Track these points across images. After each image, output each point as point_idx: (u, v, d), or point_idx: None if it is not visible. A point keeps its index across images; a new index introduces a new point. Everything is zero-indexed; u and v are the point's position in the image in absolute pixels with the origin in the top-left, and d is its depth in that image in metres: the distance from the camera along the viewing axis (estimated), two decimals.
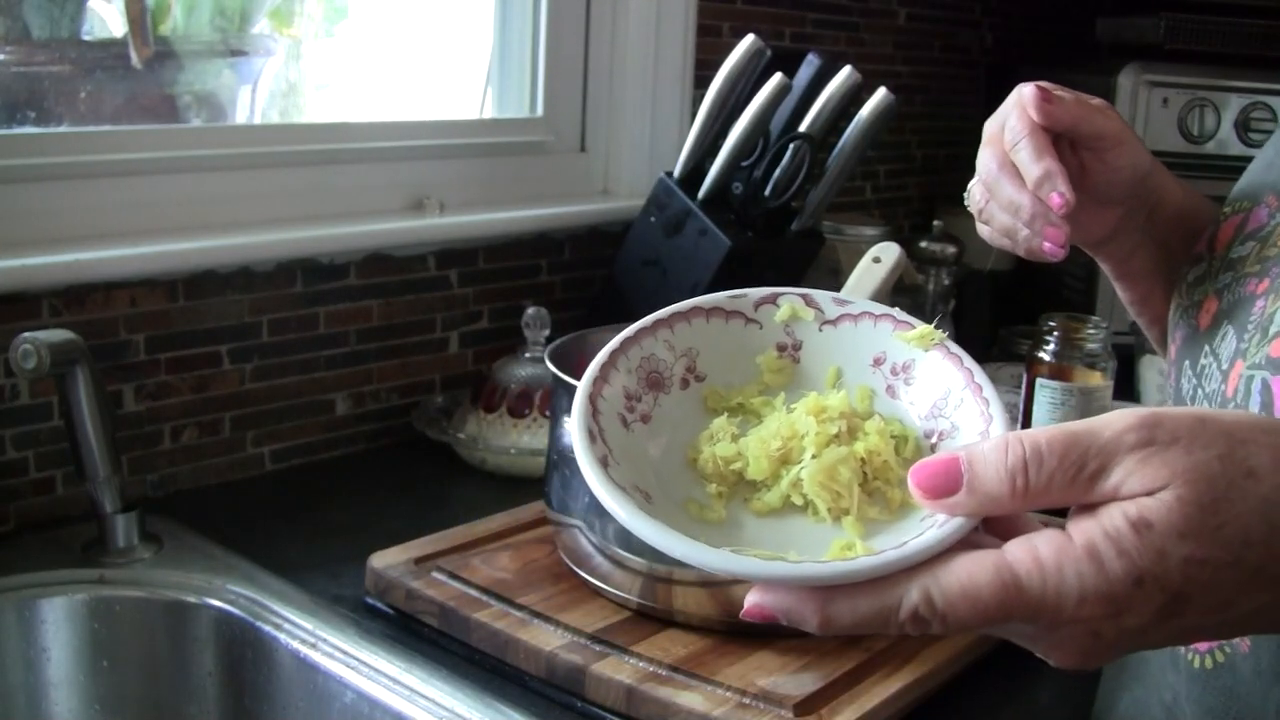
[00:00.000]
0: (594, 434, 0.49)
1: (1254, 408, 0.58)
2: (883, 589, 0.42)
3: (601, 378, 0.52)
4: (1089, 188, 0.70)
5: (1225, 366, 0.62)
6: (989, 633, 0.44)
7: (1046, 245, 0.65)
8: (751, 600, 0.44)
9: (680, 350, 0.55)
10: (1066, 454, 0.42)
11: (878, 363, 0.55)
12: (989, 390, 0.52)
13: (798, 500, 0.50)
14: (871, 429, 0.51)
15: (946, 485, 0.44)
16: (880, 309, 0.57)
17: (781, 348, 0.56)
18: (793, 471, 0.50)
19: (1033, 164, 0.65)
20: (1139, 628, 0.42)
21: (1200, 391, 0.65)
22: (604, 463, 0.48)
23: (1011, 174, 0.66)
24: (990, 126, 0.69)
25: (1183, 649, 0.64)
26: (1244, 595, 0.42)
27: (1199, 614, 0.42)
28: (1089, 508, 0.43)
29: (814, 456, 0.50)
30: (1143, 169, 0.71)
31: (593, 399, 0.51)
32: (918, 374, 0.55)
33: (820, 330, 0.56)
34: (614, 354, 0.53)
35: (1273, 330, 0.59)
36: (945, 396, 0.53)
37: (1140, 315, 0.81)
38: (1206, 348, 0.65)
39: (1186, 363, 0.68)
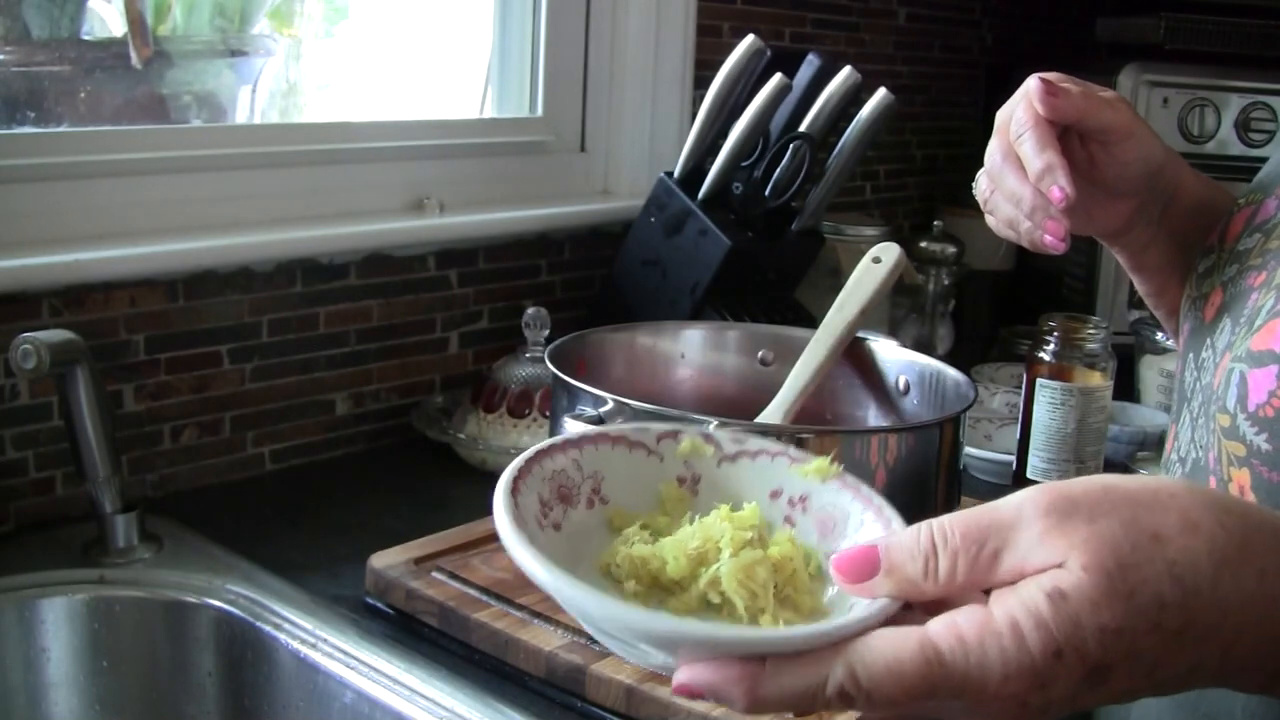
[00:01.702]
0: (518, 522, 0.50)
1: (1231, 401, 0.58)
2: (809, 665, 0.42)
3: (520, 477, 0.53)
4: (1099, 180, 0.70)
5: (1219, 359, 0.63)
6: (918, 713, 0.44)
7: (1047, 238, 0.65)
8: (681, 678, 0.43)
9: (587, 472, 0.57)
10: (968, 533, 0.43)
11: (774, 495, 0.57)
12: (890, 510, 0.53)
13: (715, 599, 0.50)
14: (783, 538, 0.52)
15: (866, 569, 0.45)
16: (777, 447, 0.58)
17: (681, 480, 0.58)
18: (710, 570, 0.50)
19: (1034, 157, 0.65)
20: (1066, 696, 0.42)
21: (1199, 384, 0.65)
22: (530, 540, 0.49)
23: (1015, 166, 0.67)
24: (1000, 116, 0.69)
25: None
26: (1169, 659, 0.42)
27: (1126, 680, 0.42)
28: (1009, 585, 0.43)
29: (732, 555, 0.50)
30: (1155, 162, 0.70)
31: (514, 494, 0.52)
32: (814, 504, 0.56)
33: (719, 466, 0.58)
34: (529, 461, 0.55)
35: (1257, 323, 0.59)
36: (845, 521, 0.55)
37: (1158, 308, 0.81)
38: (1208, 340, 0.65)
39: (1190, 355, 0.68)
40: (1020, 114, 0.66)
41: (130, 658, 0.92)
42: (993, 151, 0.69)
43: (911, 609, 0.45)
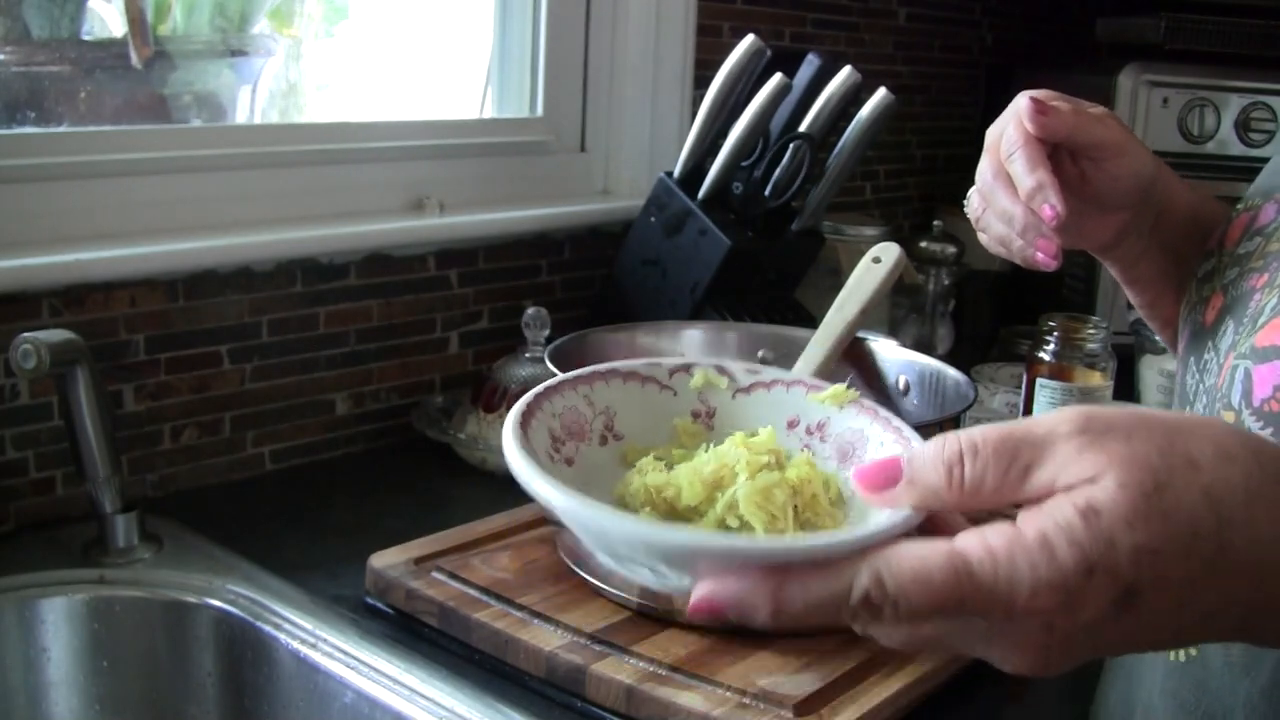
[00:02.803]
0: (529, 454, 0.49)
1: (1235, 397, 0.58)
2: (834, 572, 0.41)
3: (529, 413, 0.52)
4: (1090, 195, 0.70)
5: (1221, 360, 0.63)
6: (946, 642, 0.43)
7: (1039, 256, 0.66)
8: (701, 592, 0.42)
9: (599, 408, 0.56)
10: (1000, 447, 0.42)
11: (791, 425, 0.56)
12: (910, 432, 0.53)
13: (733, 523, 0.49)
14: (800, 462, 0.51)
15: (887, 479, 0.44)
16: (792, 377, 0.58)
17: (695, 414, 0.57)
18: (727, 494, 0.49)
19: (1025, 176, 0.65)
20: (1093, 623, 0.41)
21: (1201, 386, 0.65)
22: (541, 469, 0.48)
23: (1006, 184, 0.67)
24: (990, 135, 0.70)
25: None
26: (1196, 592, 0.41)
27: (1152, 611, 0.41)
28: (1036, 503, 0.41)
29: (748, 479, 0.49)
30: (1146, 176, 0.71)
31: (524, 429, 0.51)
32: (832, 430, 0.55)
33: (733, 398, 0.57)
34: (538, 397, 0.54)
35: (1260, 321, 0.60)
36: (864, 444, 0.54)
37: (1152, 320, 0.81)
38: (1210, 343, 0.65)
39: (1192, 359, 0.68)
40: (1010, 132, 0.67)
41: (130, 658, 0.92)
42: (983, 170, 0.69)
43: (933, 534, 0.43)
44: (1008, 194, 0.66)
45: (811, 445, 0.55)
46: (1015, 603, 0.40)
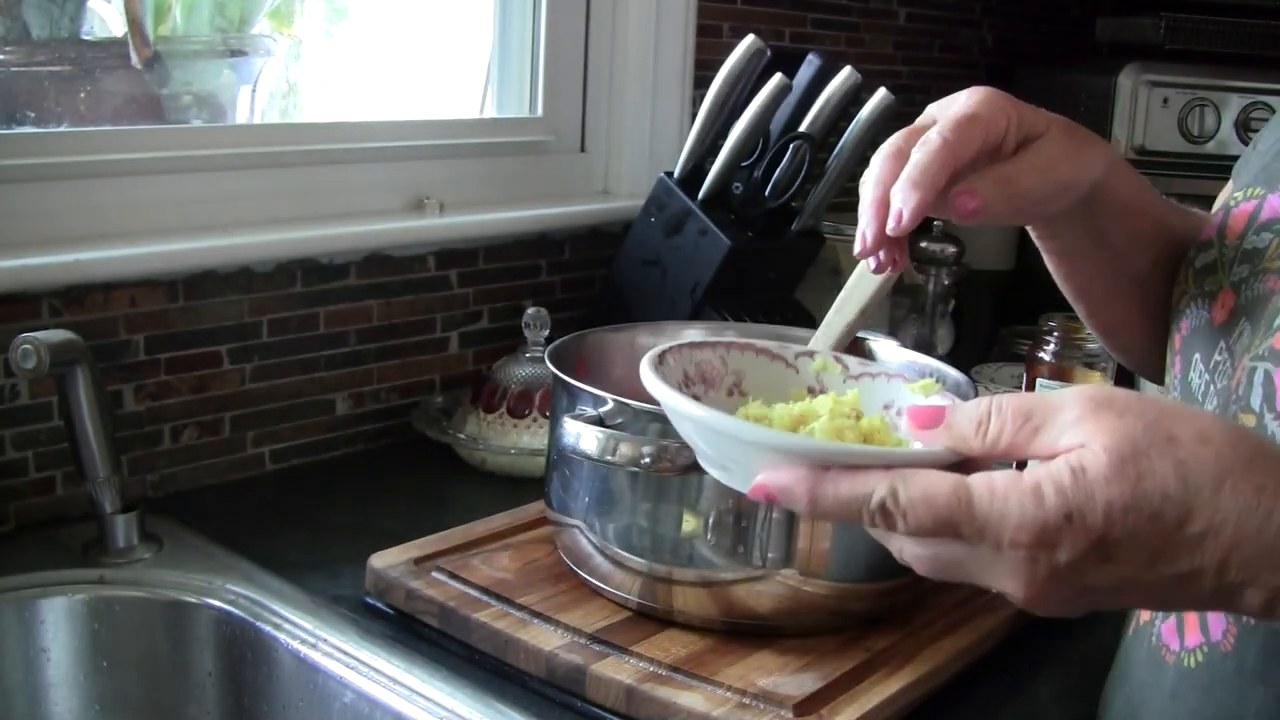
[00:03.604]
0: (660, 374, 0.59)
1: (1255, 400, 0.58)
2: (861, 479, 0.49)
3: (669, 352, 0.63)
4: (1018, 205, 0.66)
5: (1236, 362, 0.62)
6: (956, 568, 0.50)
7: (871, 264, 0.67)
8: (758, 480, 0.51)
9: (731, 369, 0.66)
10: (1018, 409, 0.49)
11: (886, 407, 0.63)
12: None
13: None
14: (876, 419, 0.59)
15: (931, 420, 0.51)
16: (896, 370, 0.67)
17: (810, 390, 0.66)
18: (807, 428, 0.57)
19: (911, 174, 0.62)
20: (1073, 565, 0.47)
21: (1213, 388, 0.64)
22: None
23: (896, 162, 0.64)
24: (931, 108, 0.67)
25: (1167, 646, 0.64)
26: (1168, 552, 0.47)
27: (1129, 564, 0.47)
28: (1041, 460, 0.49)
29: (828, 420, 0.58)
30: (1084, 188, 0.67)
31: (660, 362, 0.61)
32: None
33: (844, 382, 0.66)
34: (679, 346, 0.64)
35: (1278, 322, 0.59)
36: None
37: (1098, 330, 0.81)
38: (1222, 344, 0.64)
39: (1197, 356, 0.67)
40: (932, 135, 0.63)
41: (130, 658, 0.92)
42: (894, 138, 0.66)
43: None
44: (885, 170, 0.64)
45: (896, 422, 0.61)
46: (1002, 534, 0.47)
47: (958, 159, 0.62)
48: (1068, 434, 0.48)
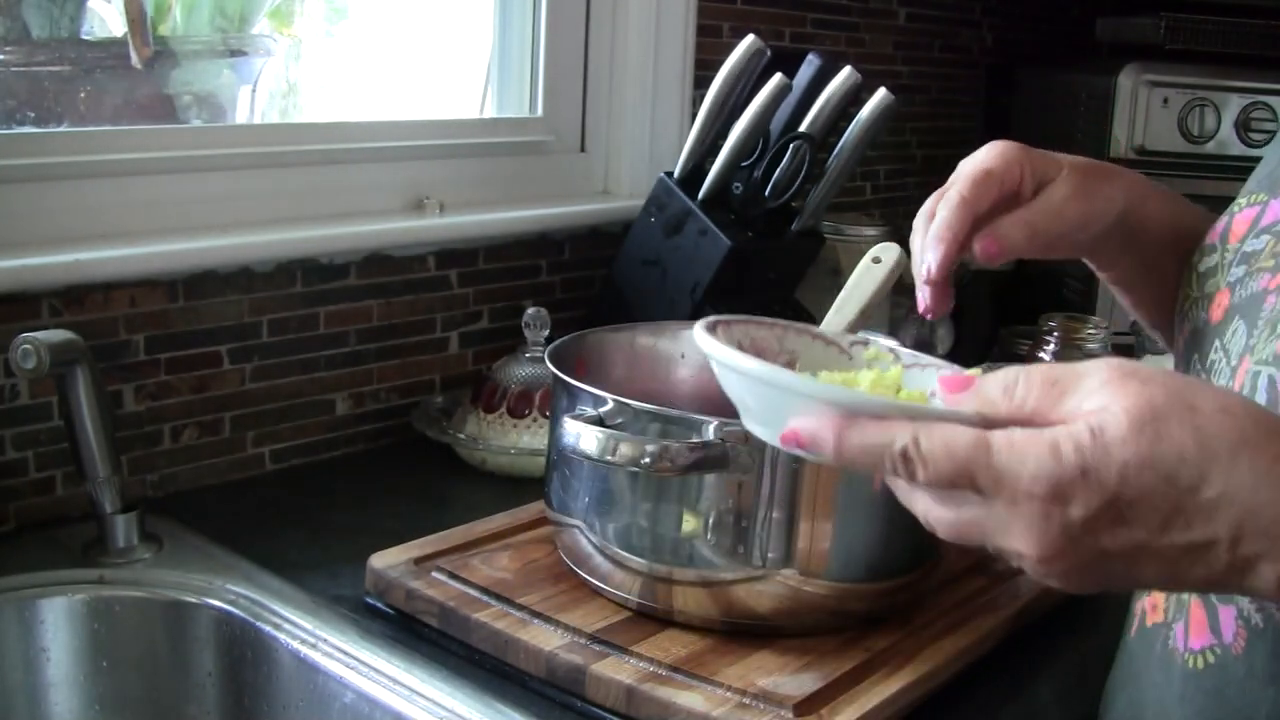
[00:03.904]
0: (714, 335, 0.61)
1: (1262, 404, 0.58)
2: (885, 427, 0.51)
3: (721, 324, 0.65)
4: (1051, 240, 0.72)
5: (1234, 362, 0.62)
6: (974, 527, 0.51)
7: (920, 306, 0.71)
8: (790, 425, 0.53)
9: (785, 349, 0.69)
10: (1045, 376, 0.51)
11: (931, 395, 0.64)
12: None
13: None
14: (915, 392, 0.61)
15: (962, 385, 0.53)
16: (942, 364, 0.70)
17: None
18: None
19: (937, 228, 0.69)
20: (1086, 522, 0.48)
21: None
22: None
23: (928, 220, 0.71)
24: (962, 167, 0.72)
25: (1175, 648, 0.64)
26: (1181, 519, 0.47)
27: (1139, 527, 0.48)
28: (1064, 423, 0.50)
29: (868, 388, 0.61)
30: (1110, 223, 0.72)
31: (712, 330, 0.63)
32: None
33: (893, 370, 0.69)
34: (733, 320, 0.67)
35: None
36: None
37: (1141, 319, 0.82)
38: (1217, 342, 0.65)
39: (1195, 356, 0.68)
40: (951, 193, 0.70)
41: (130, 658, 0.92)
42: (932, 197, 0.72)
43: None
44: (922, 229, 0.71)
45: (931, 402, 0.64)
46: (1018, 485, 0.48)
47: (975, 211, 0.69)
48: (1091, 398, 0.49)
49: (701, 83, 1.37)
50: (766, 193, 1.26)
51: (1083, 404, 0.49)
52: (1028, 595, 0.90)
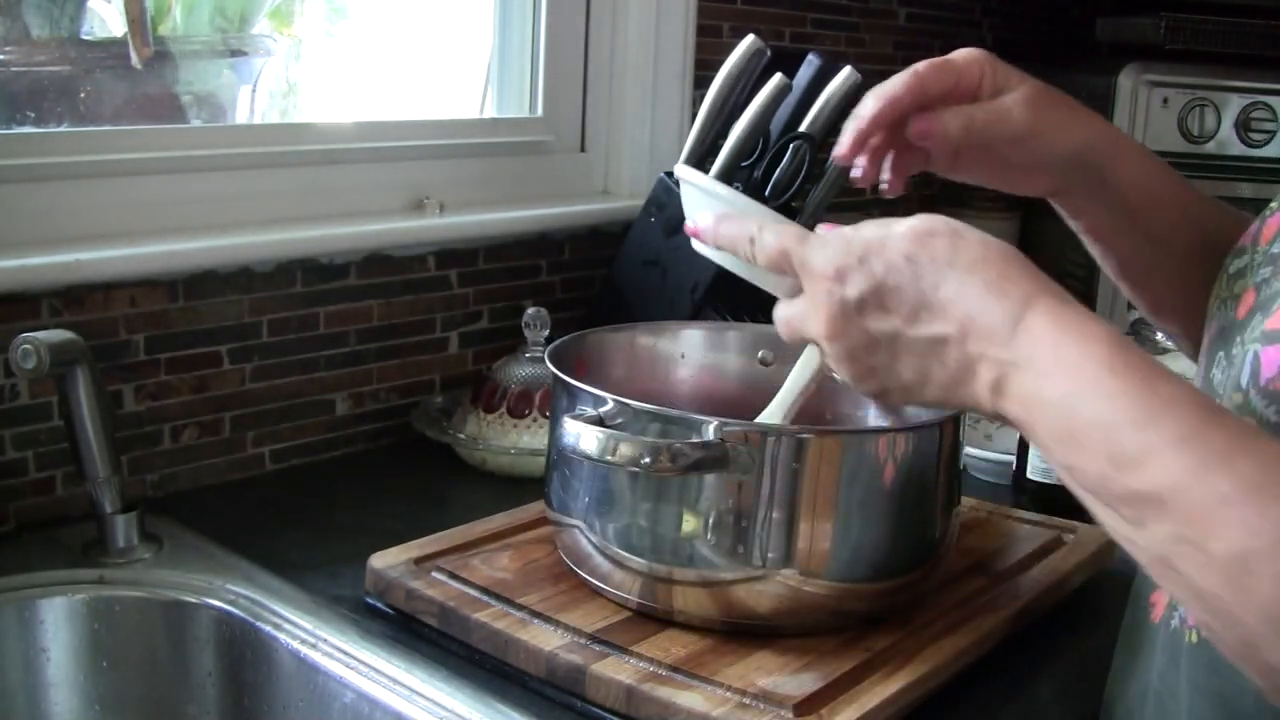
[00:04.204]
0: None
1: (1245, 378, 0.59)
2: (745, 221, 0.70)
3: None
4: (1005, 160, 0.75)
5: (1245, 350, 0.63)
6: (790, 320, 0.67)
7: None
8: (692, 218, 0.75)
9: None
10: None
11: None
12: None
13: None
14: None
15: (829, 227, 0.69)
16: None
17: None
18: None
19: (861, 110, 0.76)
20: (858, 302, 0.61)
21: (1226, 378, 0.65)
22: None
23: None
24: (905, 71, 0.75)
25: (1178, 627, 0.64)
26: (924, 309, 0.59)
27: (895, 314, 0.60)
28: None
29: None
30: (1067, 155, 0.74)
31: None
32: None
33: None
34: None
35: (1274, 306, 0.60)
36: None
37: (1125, 286, 0.83)
38: (1239, 338, 0.65)
39: (1220, 353, 0.68)
40: (913, 66, 0.73)
41: (130, 658, 0.92)
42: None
43: None
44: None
45: None
46: (814, 267, 0.63)
47: (924, 87, 0.72)
48: (900, 224, 0.62)
49: (701, 83, 1.37)
50: (766, 193, 1.26)
51: (893, 226, 0.62)
52: (1028, 595, 0.90)
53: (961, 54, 0.72)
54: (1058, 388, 0.55)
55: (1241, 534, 0.47)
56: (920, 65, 0.72)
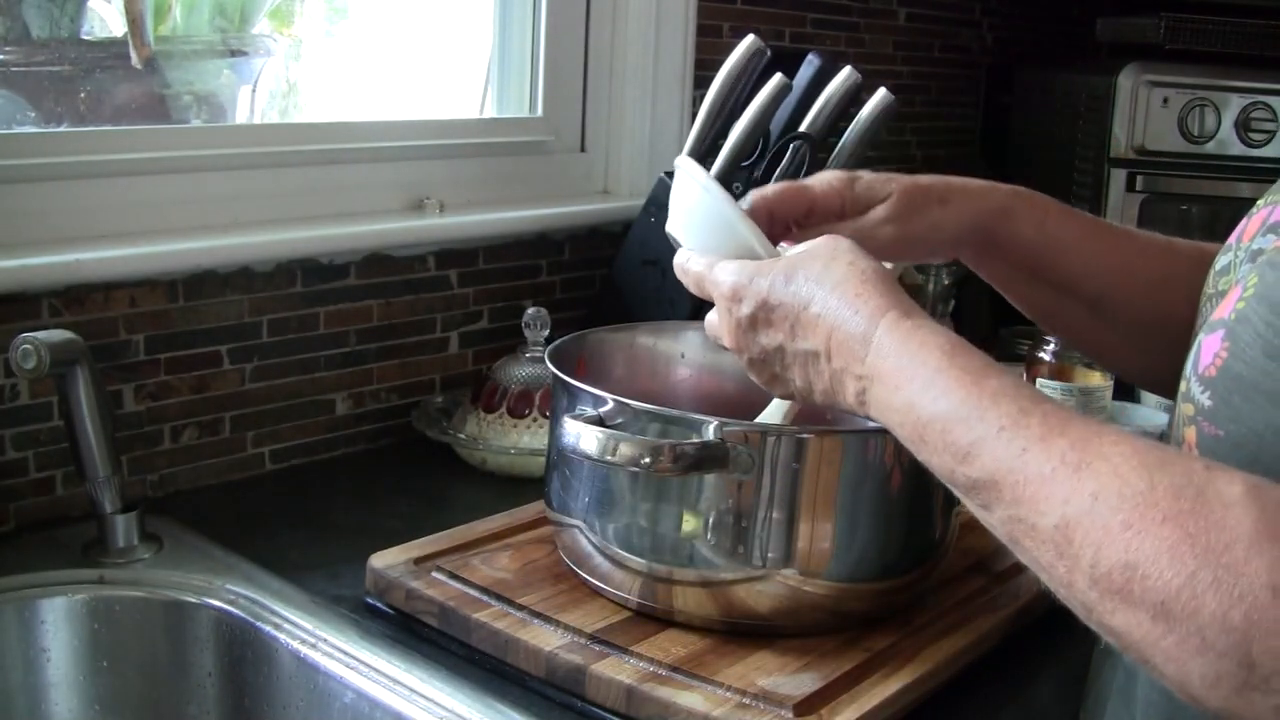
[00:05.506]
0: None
1: (1189, 367, 0.61)
2: (714, 267, 0.72)
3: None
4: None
5: None
6: (714, 327, 0.72)
7: None
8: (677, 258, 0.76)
9: None
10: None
11: None
12: None
13: None
14: None
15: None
16: None
17: None
18: None
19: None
20: (750, 319, 0.67)
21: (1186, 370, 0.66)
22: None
23: None
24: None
25: None
26: (799, 325, 0.65)
27: (778, 330, 0.66)
28: None
29: None
30: (934, 242, 0.80)
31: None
32: None
33: None
34: None
35: (1227, 299, 0.61)
36: None
37: (1074, 347, 0.87)
38: (1223, 332, 0.66)
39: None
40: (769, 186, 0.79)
41: (130, 658, 0.92)
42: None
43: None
44: None
45: None
46: (722, 288, 0.69)
47: (769, 207, 0.77)
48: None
49: (701, 83, 1.37)
50: None
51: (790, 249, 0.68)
52: (1028, 595, 0.90)
53: (818, 179, 0.78)
54: (901, 395, 0.60)
55: (1061, 507, 0.51)
56: (769, 190, 0.77)
